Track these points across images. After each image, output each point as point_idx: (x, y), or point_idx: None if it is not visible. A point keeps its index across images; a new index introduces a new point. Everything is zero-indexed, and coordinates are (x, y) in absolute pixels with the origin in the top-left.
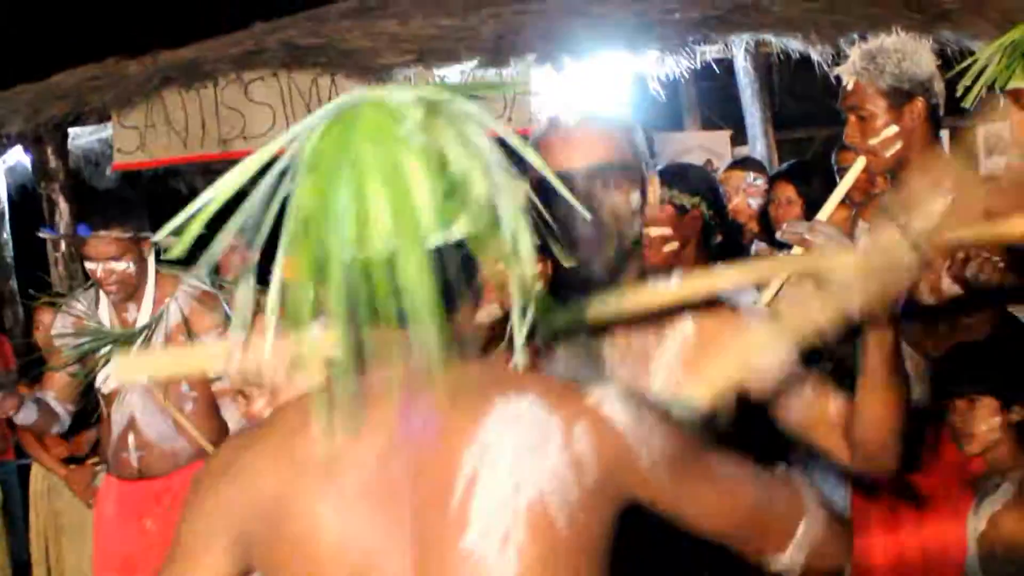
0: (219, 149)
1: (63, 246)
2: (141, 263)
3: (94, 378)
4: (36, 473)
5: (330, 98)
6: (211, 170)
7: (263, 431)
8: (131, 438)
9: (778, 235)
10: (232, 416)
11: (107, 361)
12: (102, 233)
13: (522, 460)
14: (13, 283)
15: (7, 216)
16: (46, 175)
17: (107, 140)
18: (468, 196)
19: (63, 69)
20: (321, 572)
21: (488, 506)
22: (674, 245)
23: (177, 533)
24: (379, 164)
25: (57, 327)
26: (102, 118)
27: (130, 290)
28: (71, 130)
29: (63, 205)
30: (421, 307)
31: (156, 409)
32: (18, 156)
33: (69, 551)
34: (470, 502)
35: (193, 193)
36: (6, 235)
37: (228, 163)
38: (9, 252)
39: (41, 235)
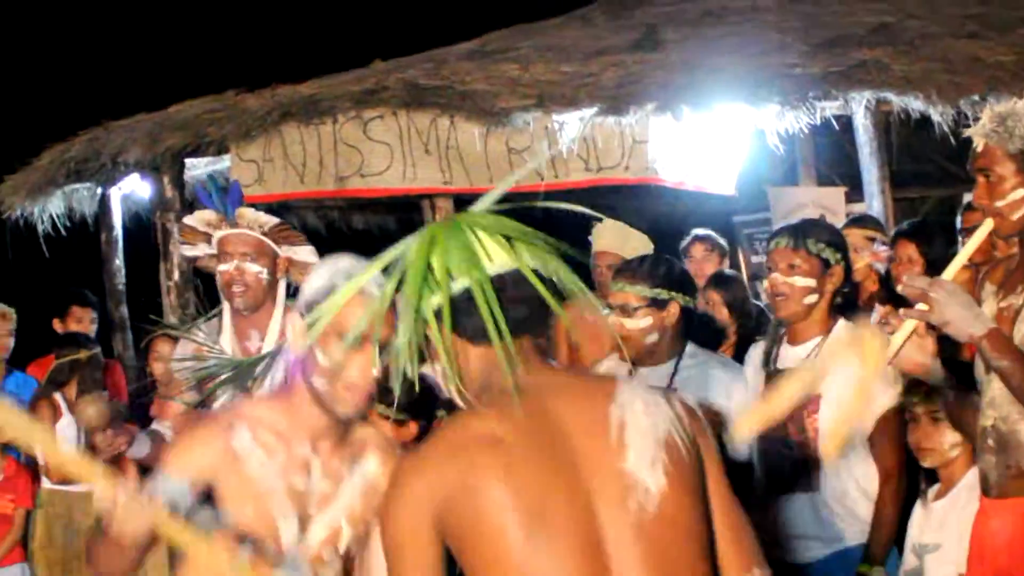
0: (335, 186)
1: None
2: (273, 280)
3: (210, 407)
4: None
5: (448, 139)
6: (324, 206)
7: (428, 447)
8: None
9: (899, 288)
10: None
11: (225, 390)
12: (247, 213)
13: (651, 409)
14: (124, 310)
15: (121, 243)
16: (162, 204)
17: (223, 172)
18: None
19: (182, 100)
20: (508, 518)
21: (638, 439)
22: (814, 298)
23: (387, 535)
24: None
25: (177, 355)
26: (220, 150)
27: (256, 301)
28: (188, 161)
29: (177, 235)
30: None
31: None
32: (134, 185)
33: None
34: (624, 438)
35: (305, 229)
36: (119, 262)
37: (343, 200)
38: (121, 279)
39: (184, 227)
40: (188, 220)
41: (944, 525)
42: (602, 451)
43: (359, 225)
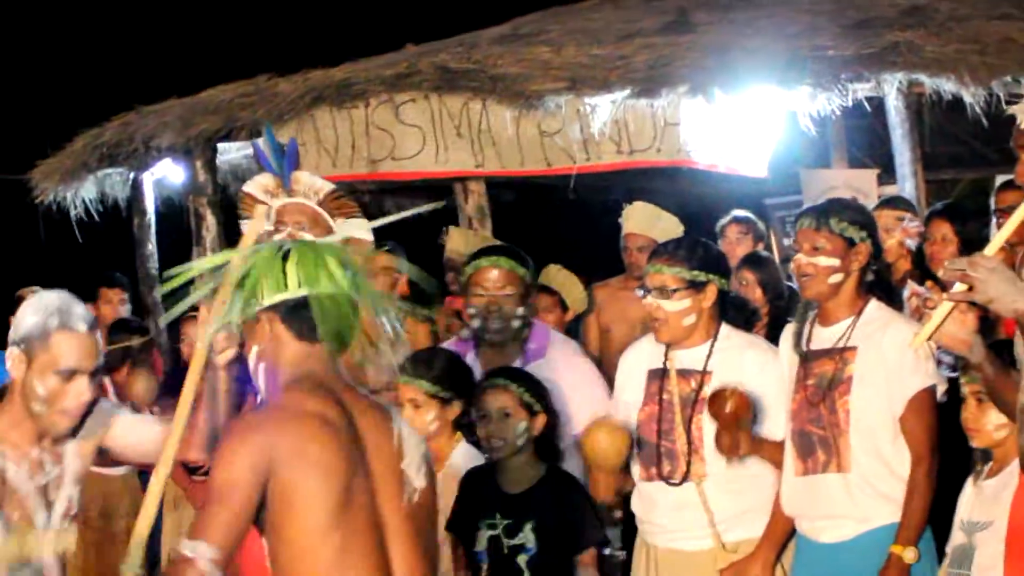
0: (368, 169)
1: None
2: None
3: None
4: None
5: (480, 122)
6: (356, 190)
7: (269, 412)
8: None
9: (940, 274)
10: None
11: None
12: (303, 178)
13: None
14: (157, 294)
15: (154, 228)
16: (194, 189)
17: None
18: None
19: (214, 85)
20: (324, 491)
21: (411, 448)
22: (839, 277)
23: (222, 475)
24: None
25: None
26: (252, 134)
27: None
28: (220, 145)
29: (210, 219)
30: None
31: None
32: (166, 169)
33: None
34: (403, 447)
35: None
36: (152, 247)
37: (375, 184)
38: (154, 264)
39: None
40: (247, 187)
41: (996, 503)
42: (388, 454)
43: (391, 208)
